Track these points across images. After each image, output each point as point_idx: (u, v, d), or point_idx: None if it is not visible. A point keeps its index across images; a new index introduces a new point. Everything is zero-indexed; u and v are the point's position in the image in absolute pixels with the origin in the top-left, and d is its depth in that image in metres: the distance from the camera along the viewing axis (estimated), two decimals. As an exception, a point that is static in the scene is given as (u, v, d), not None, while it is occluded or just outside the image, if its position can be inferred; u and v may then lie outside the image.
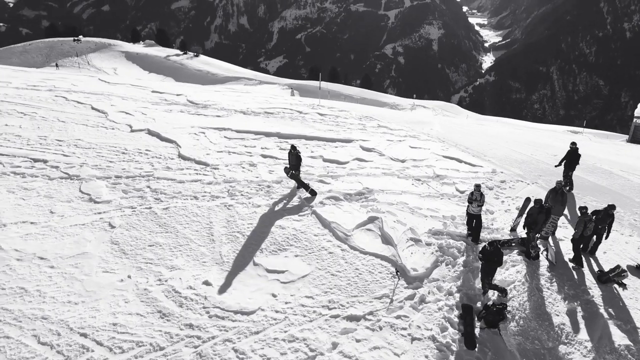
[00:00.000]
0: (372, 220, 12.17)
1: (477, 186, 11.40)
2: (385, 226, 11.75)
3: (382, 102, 74.74)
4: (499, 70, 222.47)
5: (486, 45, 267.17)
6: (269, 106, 22.05)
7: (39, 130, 17.07)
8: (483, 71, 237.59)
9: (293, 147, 13.34)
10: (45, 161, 14.58)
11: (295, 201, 13.06)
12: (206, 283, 10.06)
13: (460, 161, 16.10)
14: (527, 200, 12.23)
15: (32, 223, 11.59)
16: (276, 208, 12.75)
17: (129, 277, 10.18)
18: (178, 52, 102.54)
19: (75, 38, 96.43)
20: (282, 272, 10.48)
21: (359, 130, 18.87)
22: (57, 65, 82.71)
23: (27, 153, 15.04)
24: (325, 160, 15.83)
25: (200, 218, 12.27)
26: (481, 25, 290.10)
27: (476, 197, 11.28)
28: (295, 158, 13.23)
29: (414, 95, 75.41)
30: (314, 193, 13.48)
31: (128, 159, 15.19)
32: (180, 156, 15.57)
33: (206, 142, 16.79)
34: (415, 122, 20.66)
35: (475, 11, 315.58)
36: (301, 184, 13.62)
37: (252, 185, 13.91)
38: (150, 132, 17.47)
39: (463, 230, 11.87)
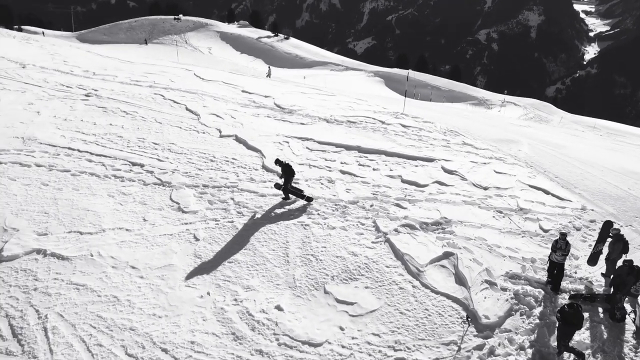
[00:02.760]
0: (447, 256, 11.97)
1: (563, 235, 10.87)
2: (461, 264, 11.52)
3: (470, 96, 72.20)
4: (603, 63, 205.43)
5: (591, 34, 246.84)
6: (352, 114, 22.09)
7: (138, 131, 18.40)
8: (585, 62, 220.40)
9: (279, 161, 13.96)
10: (142, 165, 15.75)
11: (369, 226, 13.13)
12: (278, 308, 10.47)
13: (547, 192, 15.31)
14: (607, 224, 11.52)
15: (127, 230, 12.63)
16: (350, 232, 12.89)
17: (208, 294, 10.84)
18: (269, 33, 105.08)
19: (176, 17, 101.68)
20: (352, 304, 10.66)
21: (442, 148, 18.45)
22: (146, 42, 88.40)
23: (126, 156, 16.30)
24: (403, 181, 15.69)
25: (277, 236, 12.73)
26: (587, 13, 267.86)
27: (561, 246, 10.77)
28: (286, 170, 13.71)
29: (505, 91, 71.84)
30: (309, 199, 14.15)
31: (215, 167, 16.01)
32: (264, 167, 16.14)
33: (289, 153, 17.25)
34: (503, 141, 19.79)
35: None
36: (291, 193, 14.15)
37: (328, 204, 14.14)
38: (238, 139, 18.23)
39: (542, 276, 11.39)
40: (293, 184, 14.33)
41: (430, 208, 14.12)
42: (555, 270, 11.07)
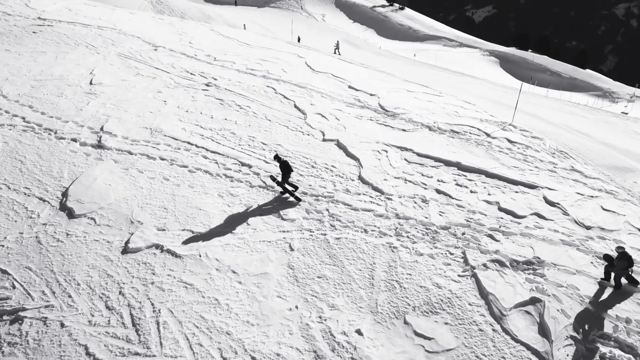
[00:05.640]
0: (533, 302, 11.83)
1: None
2: (547, 314, 11.37)
3: (594, 86, 66.30)
4: None
5: None
6: (457, 121, 21.64)
7: (249, 128, 19.73)
8: None
9: (277, 157, 15.20)
10: (250, 166, 17.02)
11: (458, 256, 13.26)
12: (358, 332, 11.13)
13: (659, 241, 14.28)
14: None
15: (231, 233, 13.95)
16: (438, 261, 13.09)
17: (297, 307, 11.78)
18: (384, 2, 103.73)
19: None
20: (429, 339, 11.02)
21: (548, 172, 17.64)
22: (235, 3, 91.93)
23: (237, 155, 17.68)
24: (500, 208, 15.38)
25: (365, 256, 13.32)
26: None
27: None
28: (283, 167, 14.83)
29: (637, 85, 64.65)
30: (298, 199, 15.34)
31: (315, 174, 16.84)
32: (360, 178, 16.67)
33: (386, 164, 17.58)
34: (618, 169, 18.39)
35: None
36: (284, 189, 15.30)
37: (419, 227, 14.41)
38: (339, 145, 18.86)
39: (636, 340, 10.92)
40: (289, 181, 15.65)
41: (524, 244, 13.85)
42: None
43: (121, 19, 35.92)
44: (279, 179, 15.44)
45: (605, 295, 12.07)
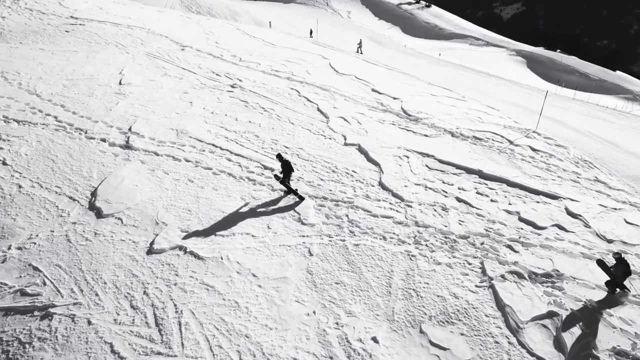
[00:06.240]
0: (551, 315, 11.85)
1: None
2: (564, 328, 11.41)
3: (624, 89, 64.80)
4: None
5: None
6: (480, 127, 21.52)
7: (272, 131, 20.02)
8: None
9: (280, 156, 15.51)
10: (272, 169, 17.29)
11: (476, 267, 13.33)
12: (374, 340, 11.32)
13: (683, 257, 14.06)
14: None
15: (253, 236, 14.27)
16: (455, 270, 13.19)
17: (314, 312, 12.03)
18: (410, 0, 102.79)
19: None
20: (445, 349, 11.16)
21: (571, 183, 17.47)
22: None
23: (260, 158, 17.99)
24: (520, 219, 15.36)
25: (383, 263, 13.49)
26: None
27: None
28: (285, 167, 15.34)
29: (671, 88, 62.89)
30: (302, 198, 15.77)
31: (336, 179, 17.04)
32: (381, 184, 16.80)
33: (407, 171, 17.65)
34: (645, 180, 18.15)
35: None
36: (286, 187, 15.82)
37: (438, 236, 14.50)
38: (360, 149, 19.00)
39: (655, 358, 10.86)
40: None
41: (543, 256, 13.82)
42: None
43: (150, 18, 36.61)
44: (282, 178, 15.80)
45: (624, 311, 12.00)
